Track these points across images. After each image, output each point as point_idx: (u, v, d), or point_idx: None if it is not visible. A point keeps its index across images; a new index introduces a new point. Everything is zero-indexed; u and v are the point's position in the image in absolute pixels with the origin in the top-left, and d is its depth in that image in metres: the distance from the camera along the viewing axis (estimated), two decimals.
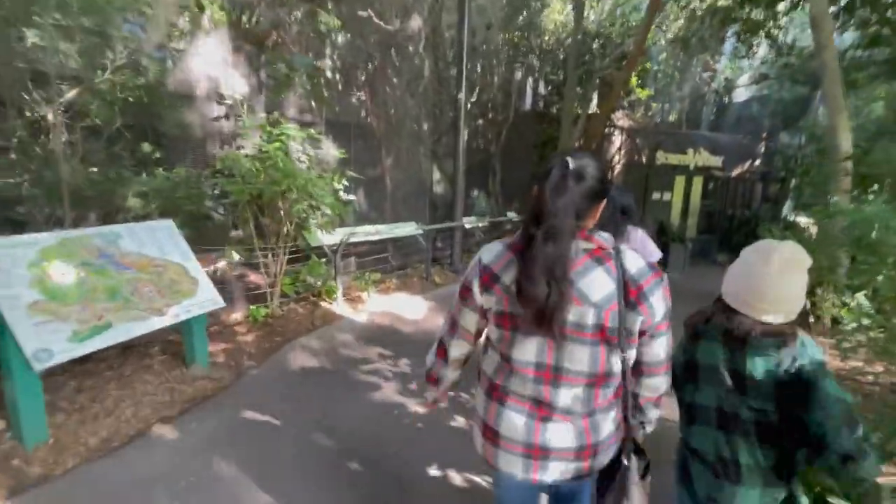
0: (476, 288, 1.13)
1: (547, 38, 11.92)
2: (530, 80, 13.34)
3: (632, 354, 1.10)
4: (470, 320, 1.20)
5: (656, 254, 2.22)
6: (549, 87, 13.04)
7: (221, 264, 4.45)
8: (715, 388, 1.23)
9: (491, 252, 1.13)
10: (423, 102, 7.76)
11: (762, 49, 10.67)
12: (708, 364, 1.25)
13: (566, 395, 1.08)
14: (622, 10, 11.75)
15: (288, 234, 4.40)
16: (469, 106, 12.95)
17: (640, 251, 1.21)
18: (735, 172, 11.14)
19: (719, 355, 1.23)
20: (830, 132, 5.19)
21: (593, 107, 12.01)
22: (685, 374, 1.32)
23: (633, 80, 12.37)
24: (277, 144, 4.10)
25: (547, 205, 1.00)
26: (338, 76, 6.74)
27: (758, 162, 11.73)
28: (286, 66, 5.73)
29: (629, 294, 1.04)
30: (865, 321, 4.54)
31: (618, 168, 12.67)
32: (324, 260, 4.87)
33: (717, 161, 10.62)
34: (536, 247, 0.99)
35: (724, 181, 10.80)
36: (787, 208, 11.58)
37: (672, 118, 14.37)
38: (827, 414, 1.05)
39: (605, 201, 1.09)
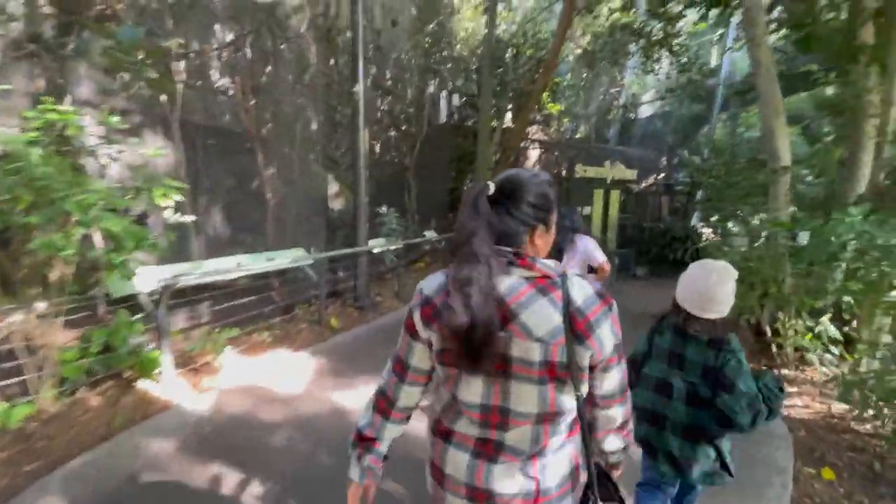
0: (419, 324, 1.01)
1: (458, 46, 11.19)
2: (445, 92, 12.57)
3: (584, 390, 1.00)
4: (422, 357, 1.05)
5: (601, 257, 3.25)
6: (463, 99, 12.33)
7: None
8: (661, 364, 1.69)
9: (432, 282, 1.02)
10: (313, 99, 6.33)
11: (665, 65, 10.88)
12: (660, 347, 1.70)
13: (513, 435, 0.99)
14: (533, 22, 11.43)
15: (67, 279, 2.72)
16: (380, 115, 11.80)
17: (588, 255, 2.43)
18: (647, 186, 11.18)
19: (668, 341, 1.71)
20: (767, 136, 4.75)
21: (508, 121, 11.50)
22: (646, 353, 1.81)
23: (545, 95, 12.14)
24: (32, 136, 2.48)
25: (459, 228, 0.95)
26: (195, 59, 5.09)
27: (662, 176, 11.98)
28: (111, 41, 4.03)
29: (576, 326, 0.93)
30: (835, 350, 4.05)
31: None
32: (141, 315, 3.20)
33: (631, 174, 10.51)
34: (451, 274, 0.93)
35: (638, 195, 10.72)
36: (694, 219, 11.89)
37: (581, 134, 14.51)
38: (735, 400, 1.53)
39: (549, 226, 1.02)
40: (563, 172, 9.97)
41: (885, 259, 3.36)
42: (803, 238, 3.99)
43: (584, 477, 1.08)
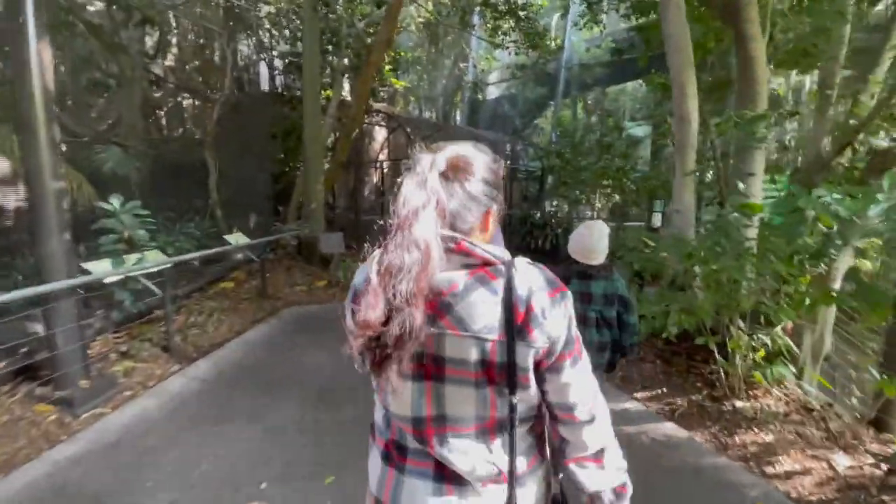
0: (349, 318, 0.85)
1: None
2: (266, 52, 9.75)
3: (526, 396, 0.83)
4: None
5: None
6: (287, 61, 9.71)
7: None
8: (574, 303, 1.49)
9: (360, 273, 0.88)
10: None
11: (513, 38, 10.08)
12: (572, 290, 1.47)
13: (456, 449, 0.82)
14: None
15: None
16: (163, 73, 8.41)
17: None
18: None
19: (576, 285, 2.19)
20: (677, 93, 3.78)
21: (348, 93, 9.39)
22: None
23: (388, 70, 10.36)
24: None
25: (398, 207, 0.76)
26: None
27: (510, 160, 11.39)
28: None
29: (517, 319, 0.78)
30: (790, 368, 3.18)
31: (386, 164, 10.47)
32: None
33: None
34: (378, 258, 0.76)
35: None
36: (547, 203, 11.65)
37: (430, 114, 13.26)
38: (632, 315, 2.23)
39: (495, 208, 0.85)
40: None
41: (848, 234, 2.53)
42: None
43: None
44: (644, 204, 10.00)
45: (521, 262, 0.82)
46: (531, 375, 0.81)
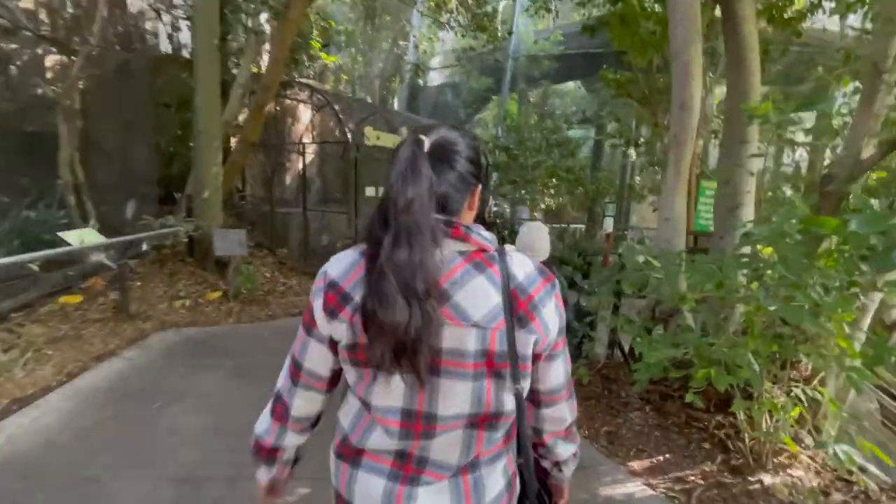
0: (319, 312, 0.79)
1: None
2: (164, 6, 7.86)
3: (526, 385, 0.82)
4: (318, 359, 0.84)
5: None
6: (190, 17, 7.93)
7: None
8: None
9: (340, 263, 0.81)
10: None
11: (458, 20, 9.10)
12: None
13: (439, 444, 0.79)
14: None
15: None
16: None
17: None
18: None
19: None
20: (679, 74, 3.02)
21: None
22: None
23: (316, 43, 8.94)
24: None
25: (395, 196, 0.70)
26: None
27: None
28: None
29: (518, 307, 0.77)
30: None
31: (310, 149, 9.04)
32: None
33: None
34: (384, 253, 0.70)
35: None
36: (490, 203, 10.89)
37: (365, 96, 11.94)
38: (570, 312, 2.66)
39: (480, 187, 0.83)
40: (349, 137, 7.09)
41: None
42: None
43: (518, 487, 0.90)
44: (591, 207, 9.61)
45: (512, 251, 0.83)
46: (530, 364, 0.80)
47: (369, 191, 7.21)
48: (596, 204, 9.16)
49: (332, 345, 0.80)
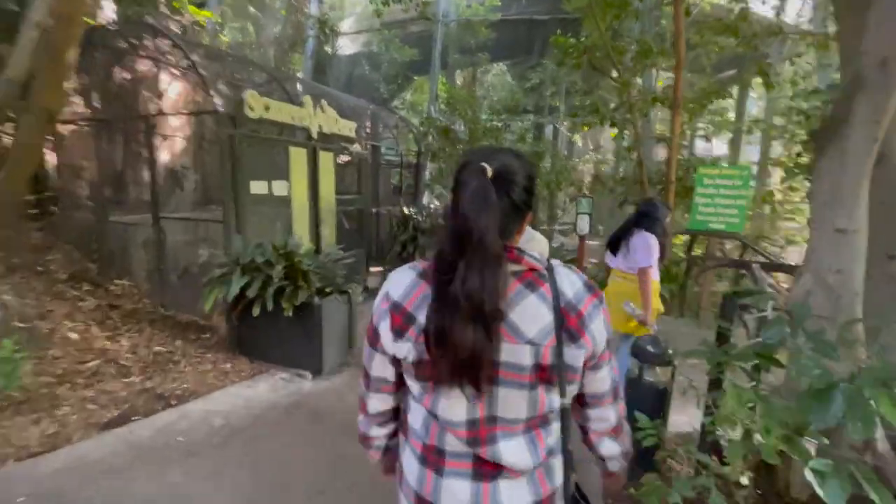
0: (385, 333, 0.87)
1: None
2: None
3: (572, 391, 0.90)
4: (384, 370, 0.94)
5: (644, 260, 2.83)
6: None
7: None
8: None
9: (400, 284, 0.88)
10: None
11: None
12: None
13: (507, 447, 0.86)
14: None
15: None
16: None
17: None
18: (367, 151, 7.15)
19: None
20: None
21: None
22: None
23: None
24: None
25: (468, 224, 0.76)
26: None
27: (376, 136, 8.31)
28: None
29: (569, 323, 0.84)
30: None
31: (180, 129, 6.33)
32: None
33: (350, 129, 6.24)
34: (458, 280, 0.77)
35: (362, 163, 6.59)
36: (426, 200, 8.90)
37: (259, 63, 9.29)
38: None
39: (531, 213, 0.88)
40: (217, 106, 4.62)
41: None
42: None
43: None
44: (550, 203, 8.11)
45: (559, 266, 0.88)
46: (580, 375, 0.87)
47: (257, 187, 4.84)
48: (554, 198, 7.64)
49: (395, 361, 0.89)
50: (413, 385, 0.88)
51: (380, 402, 1.00)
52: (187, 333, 4.24)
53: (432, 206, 8.34)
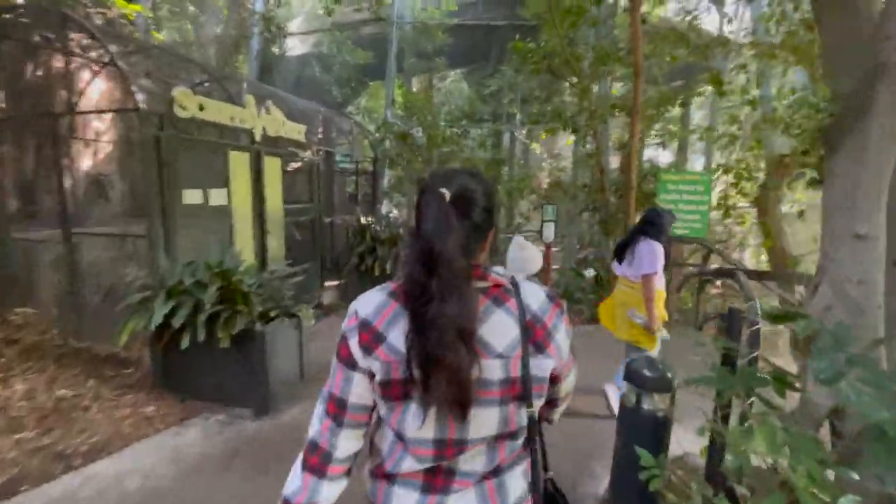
0: (356, 351, 0.86)
1: None
2: None
3: (540, 403, 0.91)
4: (363, 391, 0.88)
5: (648, 267, 2.90)
6: None
7: None
8: None
9: (370, 303, 0.88)
10: None
11: None
12: None
13: (464, 458, 0.87)
14: None
15: None
16: None
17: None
18: (319, 157, 6.65)
19: None
20: None
21: None
22: None
23: None
24: None
25: (433, 248, 0.77)
26: None
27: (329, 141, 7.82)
28: None
29: (535, 335, 0.86)
30: None
31: (106, 132, 5.54)
32: None
33: (299, 132, 5.73)
34: (436, 303, 0.77)
35: (313, 169, 6.09)
36: (385, 209, 8.47)
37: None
38: None
39: (493, 231, 0.91)
40: (138, 103, 4.01)
41: None
42: None
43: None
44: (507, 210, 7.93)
45: (523, 280, 0.90)
46: (547, 385, 0.89)
47: (191, 196, 4.26)
48: (515, 206, 7.47)
49: (372, 377, 0.85)
50: (381, 405, 0.87)
51: (354, 441, 0.90)
52: (103, 370, 3.59)
53: (391, 214, 7.93)
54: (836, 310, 1.58)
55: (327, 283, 6.43)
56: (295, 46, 10.05)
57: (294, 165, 6.52)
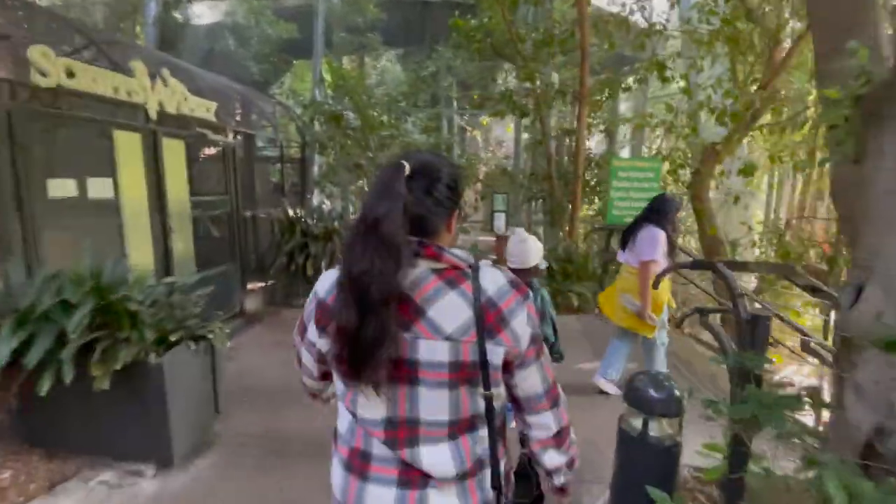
0: (312, 328, 0.91)
1: None
2: None
3: (498, 392, 0.88)
4: (310, 362, 0.99)
5: (648, 253, 2.97)
6: None
7: None
8: None
9: (326, 281, 0.90)
10: None
11: None
12: None
13: (430, 453, 0.84)
14: None
15: None
16: None
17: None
18: (237, 141, 5.72)
19: None
20: None
21: None
22: None
23: None
24: None
25: (366, 212, 0.79)
26: None
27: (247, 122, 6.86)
28: None
29: (487, 320, 0.83)
30: None
31: None
32: None
33: (207, 109, 4.82)
34: (346, 266, 0.79)
35: (228, 154, 5.20)
36: (316, 200, 7.66)
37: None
38: (548, 326, 2.35)
39: (457, 212, 0.91)
40: None
41: None
42: None
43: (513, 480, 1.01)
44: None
45: (485, 265, 0.89)
46: (500, 372, 0.86)
47: (60, 187, 3.33)
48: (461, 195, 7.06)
49: (320, 356, 0.92)
50: (336, 382, 0.90)
51: (313, 382, 1.04)
52: None
53: (324, 206, 7.17)
54: (890, 314, 1.31)
55: (251, 287, 5.61)
56: (203, 14, 8.73)
57: (206, 151, 5.57)
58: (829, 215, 10.27)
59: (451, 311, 0.81)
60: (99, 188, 3.68)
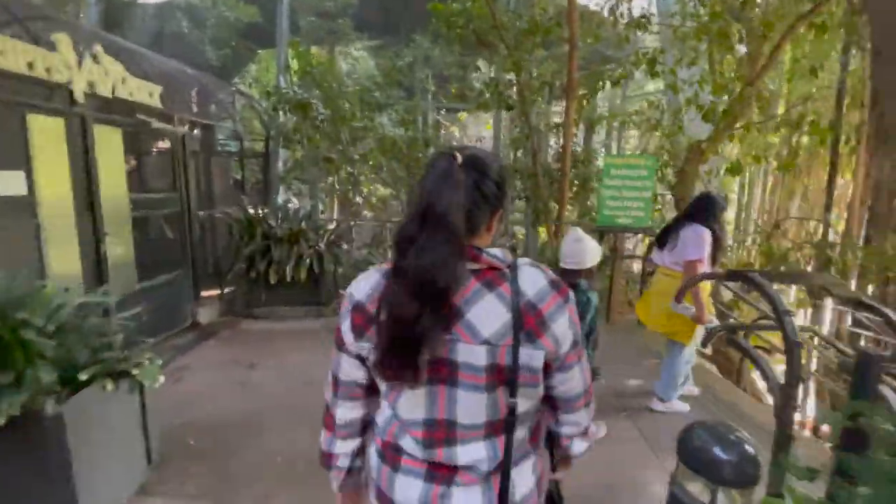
0: (349, 333, 0.88)
1: None
2: None
3: (534, 393, 0.87)
4: (353, 373, 0.92)
5: (693, 253, 2.76)
6: None
7: None
8: None
9: (364, 284, 0.88)
10: None
11: None
12: None
13: (466, 452, 0.85)
14: None
15: None
16: None
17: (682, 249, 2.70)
18: (190, 131, 5.06)
19: None
20: None
21: None
22: None
23: None
24: None
25: (431, 199, 0.77)
26: None
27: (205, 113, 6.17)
28: None
29: (526, 324, 0.81)
30: None
31: None
32: None
33: (150, 94, 4.16)
34: (412, 254, 0.77)
35: (177, 146, 4.55)
36: (282, 198, 7.02)
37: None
38: (594, 319, 2.10)
39: (501, 212, 0.88)
40: None
41: None
42: None
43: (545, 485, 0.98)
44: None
45: (524, 264, 0.85)
46: (540, 376, 0.84)
47: None
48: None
49: (363, 361, 0.88)
50: (380, 383, 0.88)
51: (349, 410, 0.96)
52: None
53: (290, 205, 6.56)
54: None
55: (206, 294, 4.99)
56: None
57: (153, 143, 4.92)
58: (801, 214, 10.38)
59: (489, 314, 0.80)
60: (8, 183, 3.02)
